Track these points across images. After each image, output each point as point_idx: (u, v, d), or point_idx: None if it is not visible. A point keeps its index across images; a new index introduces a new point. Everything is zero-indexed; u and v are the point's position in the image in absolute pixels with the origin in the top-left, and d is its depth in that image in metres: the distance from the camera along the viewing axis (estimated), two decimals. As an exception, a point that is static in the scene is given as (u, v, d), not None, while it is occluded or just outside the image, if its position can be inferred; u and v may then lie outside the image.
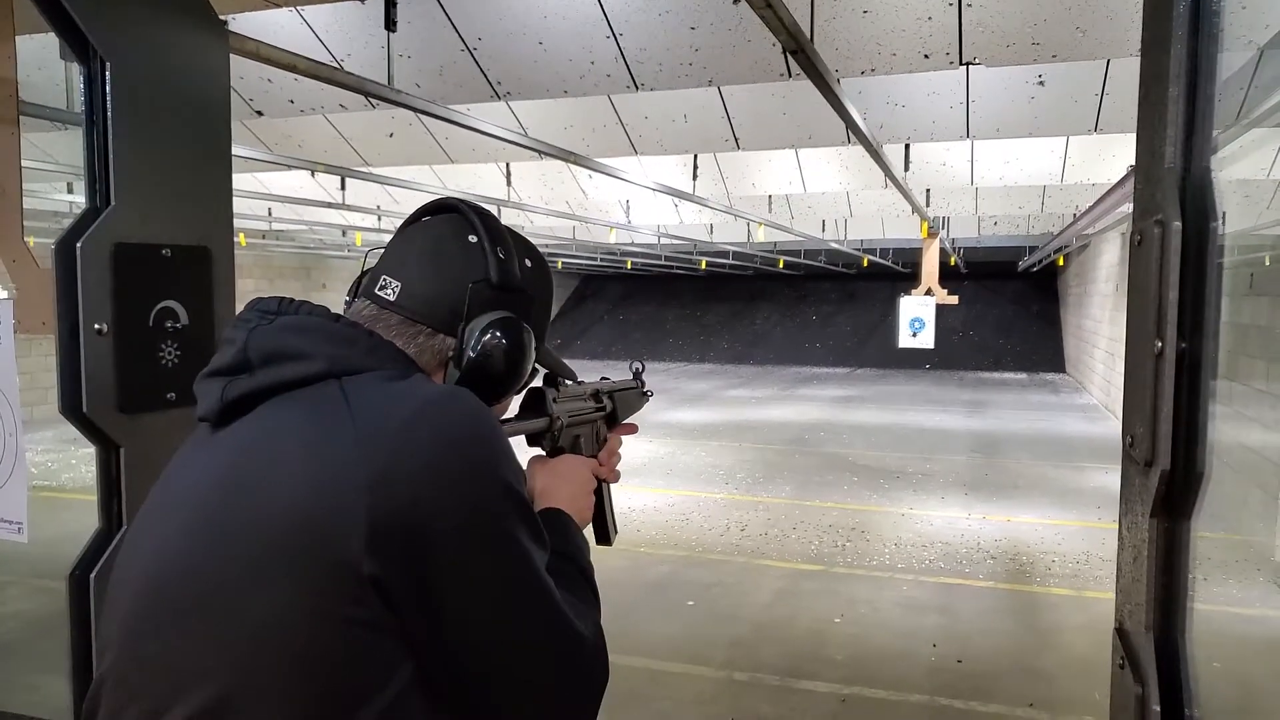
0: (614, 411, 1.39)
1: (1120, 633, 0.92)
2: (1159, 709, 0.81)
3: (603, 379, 1.41)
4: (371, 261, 1.07)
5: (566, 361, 1.30)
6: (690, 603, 5.48)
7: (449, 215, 1.07)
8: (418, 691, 0.84)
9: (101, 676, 0.91)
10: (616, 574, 5.91)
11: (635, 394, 1.46)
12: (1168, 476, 0.80)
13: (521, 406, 1.23)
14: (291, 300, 0.98)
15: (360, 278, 1.07)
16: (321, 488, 0.83)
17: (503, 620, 0.87)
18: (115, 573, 0.96)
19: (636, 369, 1.51)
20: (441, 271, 1.02)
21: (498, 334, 1.01)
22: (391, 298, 1.01)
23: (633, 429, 1.44)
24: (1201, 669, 0.84)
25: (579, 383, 1.33)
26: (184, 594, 0.85)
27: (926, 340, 11.75)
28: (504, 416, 1.16)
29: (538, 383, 1.25)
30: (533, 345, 1.06)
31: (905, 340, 11.79)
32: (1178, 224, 0.79)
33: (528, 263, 1.09)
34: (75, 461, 9.32)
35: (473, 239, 1.04)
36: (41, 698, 4.04)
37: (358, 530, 0.81)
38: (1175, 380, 0.79)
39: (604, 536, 1.37)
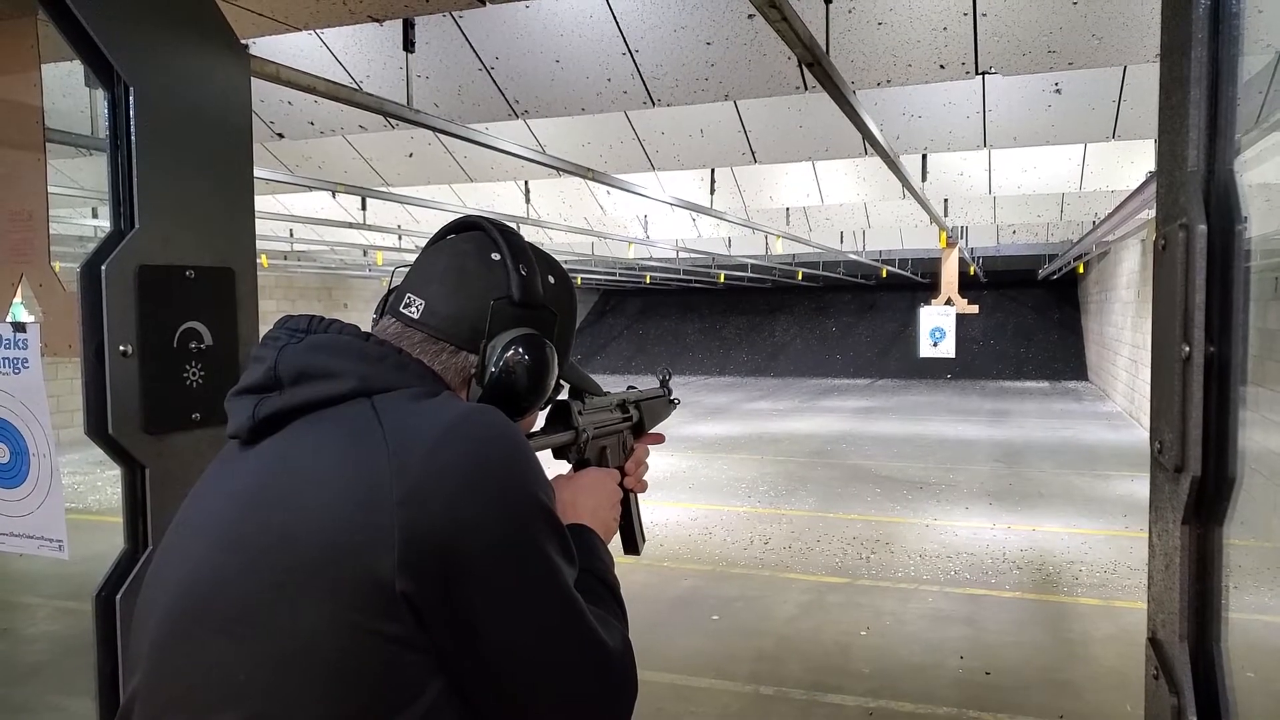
0: (640, 421, 1.38)
1: (1154, 642, 0.91)
2: (1196, 719, 0.79)
3: (629, 388, 1.41)
4: (399, 279, 1.08)
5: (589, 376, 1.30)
6: (715, 617, 5.45)
7: (472, 233, 1.08)
8: (449, 706, 0.84)
9: (133, 693, 0.91)
10: (641, 589, 5.89)
11: (662, 402, 1.45)
12: (1198, 482, 0.79)
13: (547, 420, 1.23)
14: (321, 318, 0.98)
15: (387, 295, 1.08)
16: (355, 505, 0.83)
17: (533, 637, 0.87)
18: (145, 589, 0.96)
19: (663, 376, 1.51)
20: (463, 289, 1.02)
21: (520, 350, 1.01)
22: (415, 315, 1.02)
23: (660, 439, 1.43)
24: (1236, 679, 0.82)
25: (604, 394, 1.32)
26: (215, 610, 0.86)
27: (948, 349, 11.69)
28: (530, 431, 1.16)
29: (563, 396, 1.25)
30: (555, 361, 1.06)
31: (926, 350, 11.73)
32: (1203, 227, 0.78)
33: (551, 279, 1.09)
34: (101, 484, 9.41)
35: (495, 256, 1.04)
36: (68, 719, 4.07)
37: (391, 548, 0.81)
38: (1204, 385, 0.78)
39: (632, 546, 1.36)
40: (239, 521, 0.88)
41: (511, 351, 1.01)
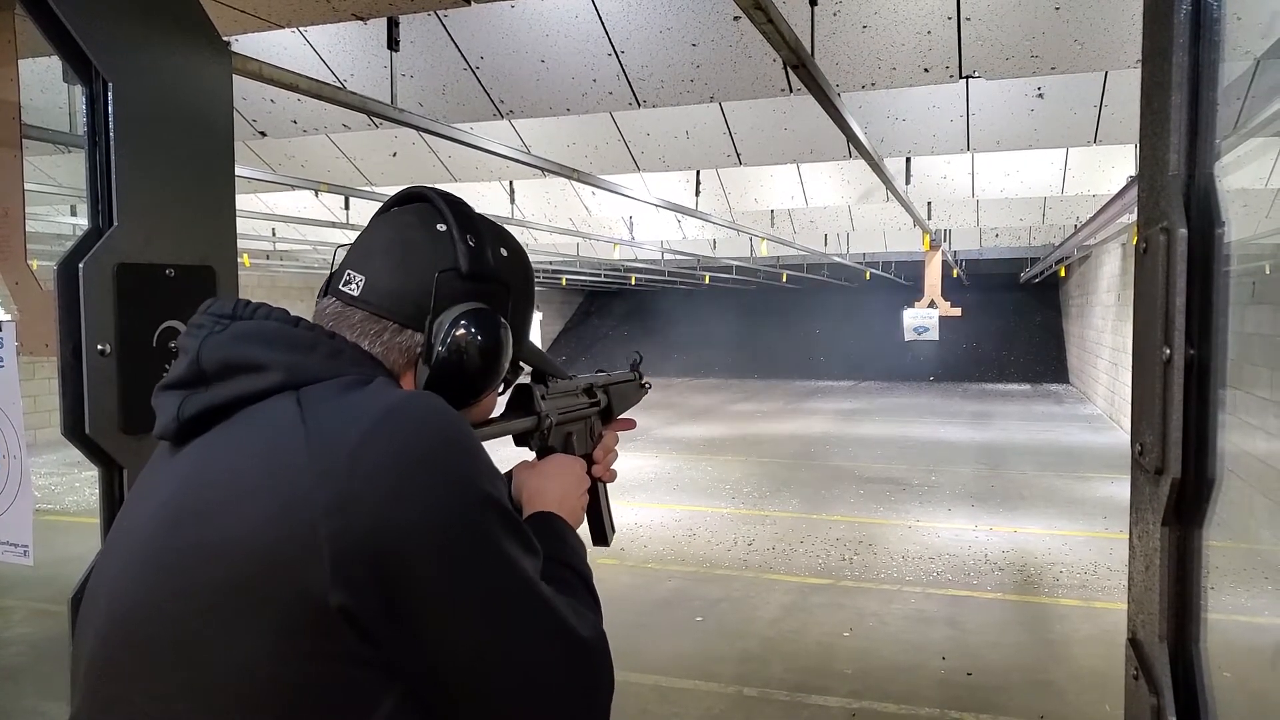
0: (609, 406, 1.31)
1: (1134, 643, 0.91)
2: (1175, 720, 0.80)
3: (598, 371, 1.35)
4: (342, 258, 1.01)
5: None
6: (699, 618, 5.46)
7: (416, 205, 1.01)
8: (407, 715, 0.80)
9: (73, 718, 0.87)
10: (624, 590, 5.88)
11: (632, 386, 1.39)
12: (1178, 484, 0.80)
13: (508, 405, 1.17)
14: (248, 302, 0.91)
15: (330, 277, 1.01)
16: (277, 516, 0.77)
17: (495, 635, 0.82)
18: (84, 604, 0.90)
19: (635, 359, 1.45)
20: (406, 262, 0.96)
21: (469, 326, 0.95)
22: (355, 293, 0.95)
23: (630, 424, 1.37)
24: (1214, 679, 0.83)
25: (570, 377, 1.26)
26: (145, 635, 0.80)
27: (932, 336, 11.78)
28: (489, 417, 1.10)
29: (525, 380, 1.19)
30: (510, 339, 1.00)
31: (910, 336, 11.82)
32: (1183, 230, 0.78)
33: (503, 251, 1.02)
34: (79, 484, 9.32)
35: (441, 227, 0.97)
36: (46, 722, 4.02)
37: (319, 560, 0.75)
38: (1184, 387, 0.79)
39: (601, 537, 1.31)
40: (164, 538, 0.82)
41: (459, 328, 0.95)
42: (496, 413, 1.13)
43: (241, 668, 0.76)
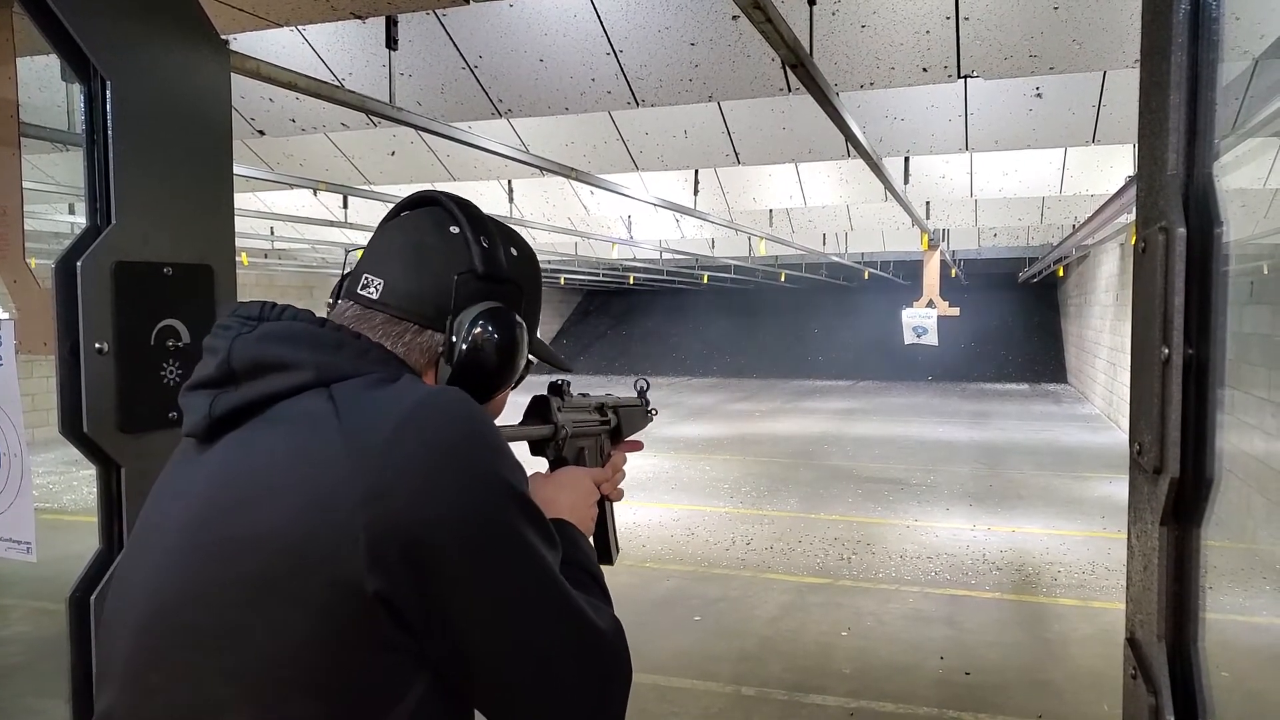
0: (618, 427, 1.37)
1: (1132, 642, 0.91)
2: (1173, 719, 0.80)
3: (607, 395, 1.39)
4: (353, 262, 1.05)
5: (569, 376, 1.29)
6: (697, 618, 5.46)
7: (429, 208, 1.05)
8: (437, 700, 0.83)
9: (107, 711, 0.88)
10: (623, 590, 5.86)
11: (640, 412, 1.45)
12: (1177, 484, 0.80)
13: (526, 413, 1.22)
14: (273, 305, 0.94)
15: (342, 280, 1.04)
16: (315, 507, 0.80)
17: (519, 623, 0.85)
18: (111, 598, 0.93)
19: (641, 387, 1.50)
20: (424, 265, 0.99)
21: (488, 326, 0.98)
22: (374, 296, 0.98)
23: (637, 446, 1.41)
24: (1212, 678, 0.83)
25: (584, 394, 1.31)
26: (187, 626, 0.83)
27: (931, 340, 11.76)
28: (503, 421, 1.13)
29: (542, 390, 1.24)
30: (525, 336, 1.04)
31: (910, 338, 11.80)
32: (1182, 230, 0.79)
33: (514, 251, 1.06)
34: (77, 483, 9.31)
35: (454, 230, 1.01)
36: (44, 721, 4.02)
37: (357, 548, 0.78)
38: (1182, 387, 0.79)
39: (605, 555, 1.33)
40: (202, 529, 0.85)
41: (479, 327, 0.98)
42: (513, 420, 1.17)
43: (283, 655, 0.79)
